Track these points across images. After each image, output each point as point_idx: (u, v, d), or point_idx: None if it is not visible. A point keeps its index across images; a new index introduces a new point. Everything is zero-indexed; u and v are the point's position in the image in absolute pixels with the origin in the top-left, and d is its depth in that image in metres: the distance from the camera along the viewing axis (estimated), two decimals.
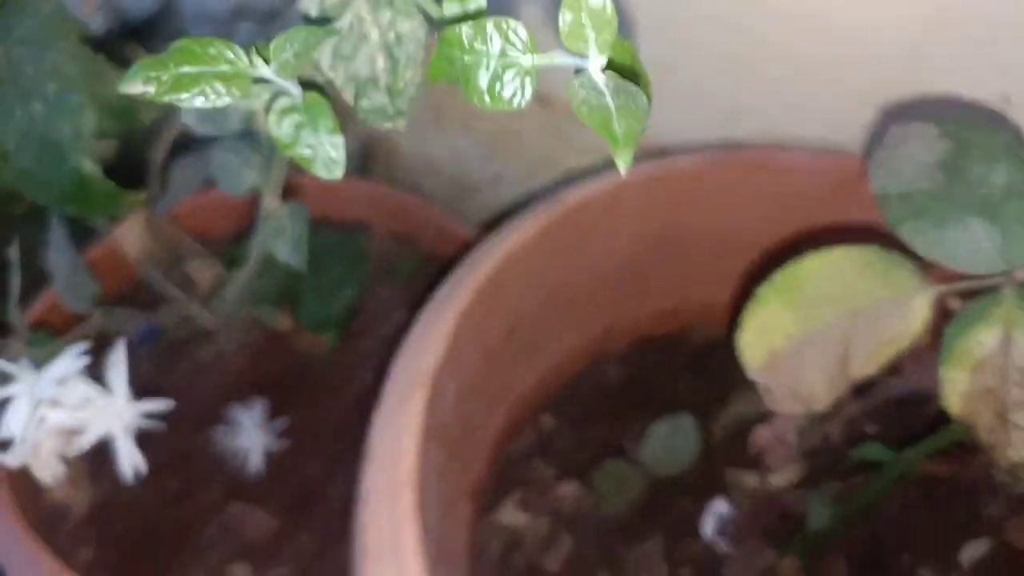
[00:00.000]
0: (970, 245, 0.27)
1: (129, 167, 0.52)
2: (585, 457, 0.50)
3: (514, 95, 0.17)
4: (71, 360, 0.40)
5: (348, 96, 0.23)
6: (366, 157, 0.77)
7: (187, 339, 0.63)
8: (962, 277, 0.28)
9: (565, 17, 0.15)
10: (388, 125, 0.23)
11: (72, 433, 0.41)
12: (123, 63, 0.67)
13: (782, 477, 0.43)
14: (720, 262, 0.52)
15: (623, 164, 0.14)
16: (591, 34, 0.15)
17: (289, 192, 0.42)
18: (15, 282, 0.45)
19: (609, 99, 0.15)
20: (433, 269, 0.72)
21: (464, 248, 0.67)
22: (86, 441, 0.41)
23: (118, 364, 0.41)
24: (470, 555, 0.45)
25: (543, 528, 0.47)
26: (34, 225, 0.60)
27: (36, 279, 0.55)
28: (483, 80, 0.17)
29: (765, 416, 0.42)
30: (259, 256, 0.39)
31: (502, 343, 0.47)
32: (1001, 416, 0.27)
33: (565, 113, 0.63)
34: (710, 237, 0.52)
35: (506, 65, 0.16)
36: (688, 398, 0.52)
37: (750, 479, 0.46)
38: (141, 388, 0.63)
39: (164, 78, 0.19)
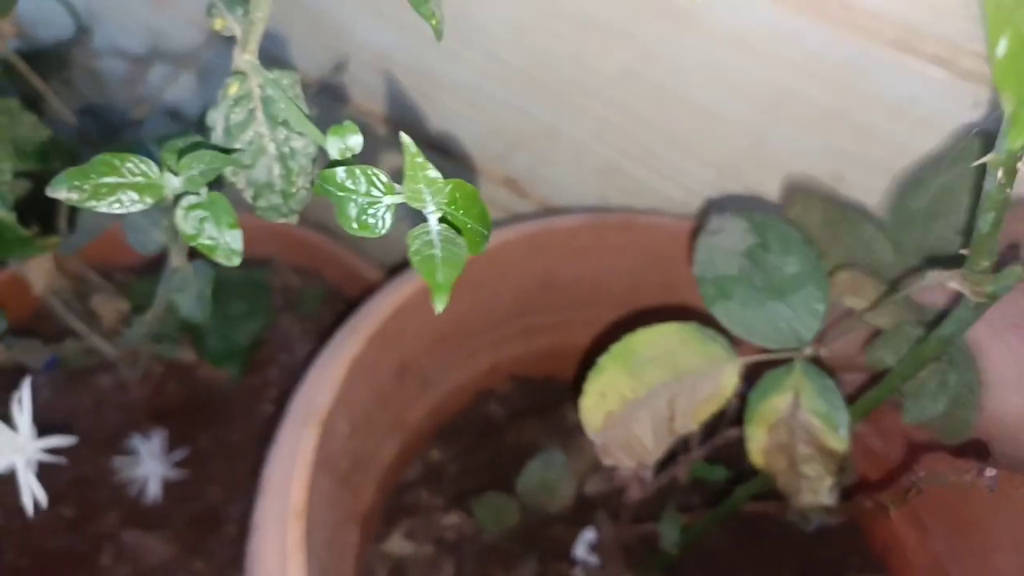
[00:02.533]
0: (768, 324, 0.33)
1: (37, 201, 0.54)
2: (468, 488, 0.54)
3: (376, 225, 0.21)
4: None
5: (247, 197, 0.27)
6: None
7: (89, 369, 0.64)
8: (763, 350, 0.33)
9: (408, 184, 0.19)
10: (282, 220, 0.27)
11: None
12: (32, 93, 0.68)
13: (639, 508, 0.48)
14: (594, 307, 0.58)
15: (440, 306, 0.19)
16: (428, 197, 0.19)
17: None
18: None
19: (437, 251, 0.20)
20: (336, 303, 0.75)
21: (367, 287, 0.71)
22: None
23: (23, 401, 0.43)
24: None
25: (427, 555, 0.51)
26: None
27: None
28: (352, 211, 0.21)
29: None
30: (162, 303, 0.42)
31: (393, 381, 0.51)
32: (792, 467, 0.33)
33: (463, 164, 0.68)
34: (585, 286, 0.58)
35: (371, 203, 0.21)
36: (565, 434, 0.57)
37: (613, 509, 0.52)
38: (42, 416, 0.64)
39: (86, 187, 0.22)
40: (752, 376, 0.34)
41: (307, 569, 0.37)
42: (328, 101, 0.69)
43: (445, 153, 0.68)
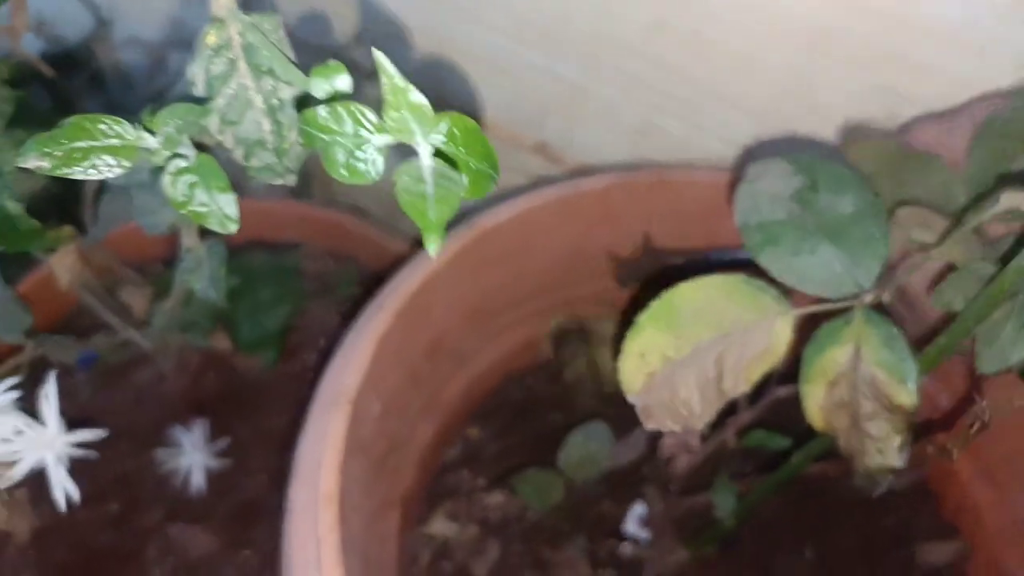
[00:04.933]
0: (822, 270, 0.30)
1: (61, 197, 0.53)
2: (511, 466, 0.52)
3: (367, 170, 0.19)
4: (1, 393, 0.41)
5: (238, 156, 0.25)
6: (305, 177, 0.79)
7: (126, 364, 0.64)
8: (819, 300, 0.30)
9: (389, 113, 0.17)
10: (279, 181, 0.25)
11: (4, 465, 0.42)
12: (57, 88, 0.68)
13: (690, 478, 0.46)
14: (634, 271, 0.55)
15: (432, 248, 0.16)
16: (415, 126, 0.17)
17: None
18: None
19: (429, 187, 0.17)
20: (372, 286, 0.73)
21: (402, 264, 0.69)
22: (18, 472, 0.42)
23: (49, 395, 0.42)
24: (399, 565, 0.47)
25: (472, 536, 0.49)
26: None
27: None
28: (339, 156, 0.19)
29: None
30: (181, 289, 0.41)
31: (425, 360, 0.49)
32: (856, 426, 0.30)
33: (491, 133, 0.65)
34: (621, 250, 0.55)
35: (359, 144, 0.19)
36: (605, 407, 0.55)
37: (662, 481, 0.49)
38: (81, 414, 0.64)
39: (57, 153, 0.21)
40: (808, 329, 0.31)
41: (342, 553, 0.35)
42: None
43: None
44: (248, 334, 0.59)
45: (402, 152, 0.20)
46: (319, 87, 0.21)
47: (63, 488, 0.42)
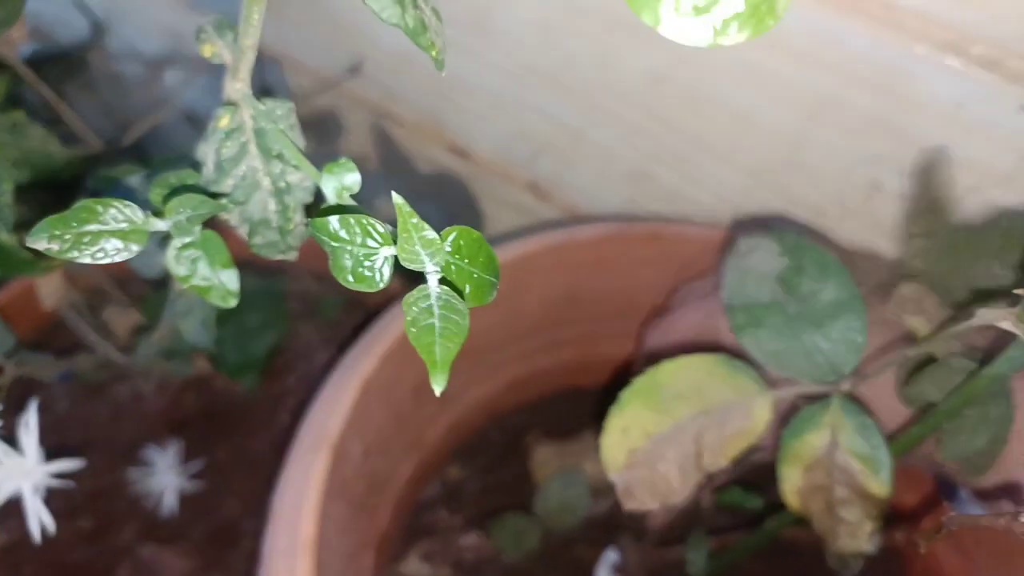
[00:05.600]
0: (802, 356, 0.31)
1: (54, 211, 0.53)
2: (488, 507, 0.52)
3: (374, 278, 0.19)
4: None
5: (243, 233, 0.25)
6: None
7: (104, 381, 0.64)
8: (798, 383, 0.31)
9: (403, 245, 0.17)
10: (280, 257, 0.26)
11: None
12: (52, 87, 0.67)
13: (665, 530, 0.46)
14: (621, 319, 0.56)
15: (438, 387, 0.17)
16: (426, 257, 0.18)
17: None
18: None
19: (437, 321, 0.18)
20: (355, 310, 0.74)
21: (386, 295, 0.69)
22: None
23: (29, 425, 0.42)
24: None
25: None
26: None
27: None
28: (347, 263, 0.19)
29: None
30: (169, 325, 0.41)
31: (410, 400, 0.49)
32: (830, 510, 0.30)
33: (484, 167, 0.66)
34: (611, 298, 0.55)
35: (367, 254, 0.19)
36: (586, 452, 0.55)
37: (637, 532, 0.50)
38: (59, 427, 0.64)
39: (67, 236, 0.21)
40: (786, 408, 0.32)
41: None
42: (347, 103, 0.67)
43: (466, 156, 0.66)
44: (232, 359, 0.59)
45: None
46: (329, 183, 0.21)
47: (38, 519, 0.42)
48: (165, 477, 0.60)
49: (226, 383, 0.66)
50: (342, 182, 0.21)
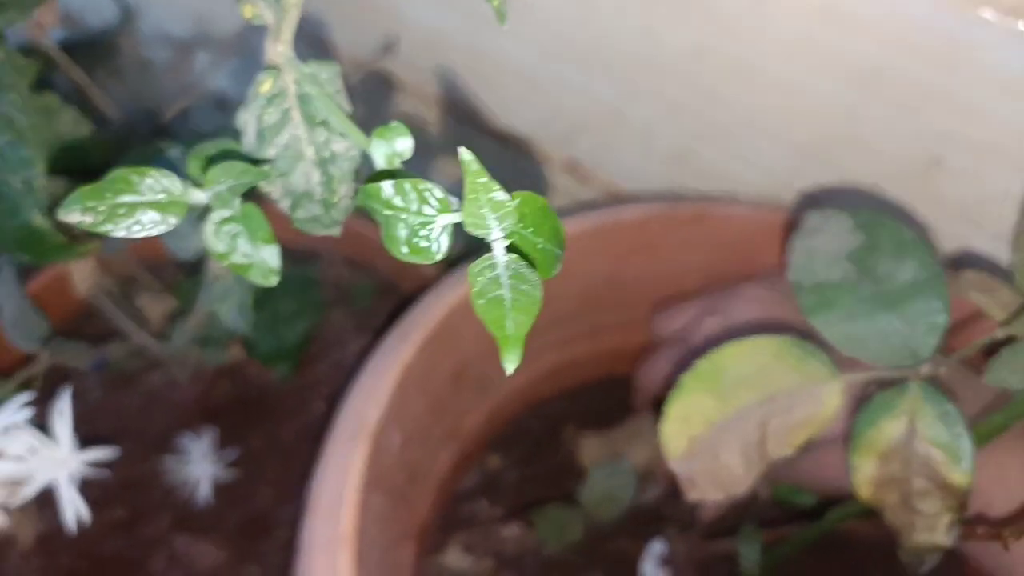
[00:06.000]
0: (878, 339, 0.29)
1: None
2: (529, 497, 0.51)
3: (430, 249, 0.18)
4: (15, 410, 0.40)
5: (284, 207, 0.24)
6: None
7: (138, 368, 0.63)
8: (872, 367, 0.29)
9: (467, 209, 0.16)
10: (324, 232, 0.24)
11: (16, 483, 0.41)
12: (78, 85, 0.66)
13: (715, 522, 0.45)
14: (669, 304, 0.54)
15: (511, 364, 0.15)
16: (494, 222, 0.16)
17: None
18: None
19: (506, 291, 0.16)
20: (388, 296, 0.72)
21: (421, 280, 0.68)
22: (30, 491, 0.41)
23: (63, 413, 0.41)
24: None
25: (486, 570, 0.48)
26: None
27: None
28: (402, 233, 0.18)
29: None
30: (204, 310, 0.40)
31: (448, 387, 0.48)
32: (906, 502, 0.29)
33: (520, 147, 0.64)
34: (655, 281, 0.54)
35: (423, 223, 0.17)
36: (630, 440, 0.54)
37: (684, 524, 0.48)
38: (92, 416, 0.63)
39: (101, 208, 0.19)
40: (857, 393, 0.30)
41: None
42: (379, 86, 0.66)
43: (503, 138, 0.64)
44: (267, 347, 0.58)
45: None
46: (379, 149, 0.19)
47: (74, 508, 0.42)
48: (200, 466, 0.59)
49: (259, 371, 0.65)
50: (393, 148, 0.19)
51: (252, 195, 0.24)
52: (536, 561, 0.48)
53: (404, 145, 0.20)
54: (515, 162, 0.65)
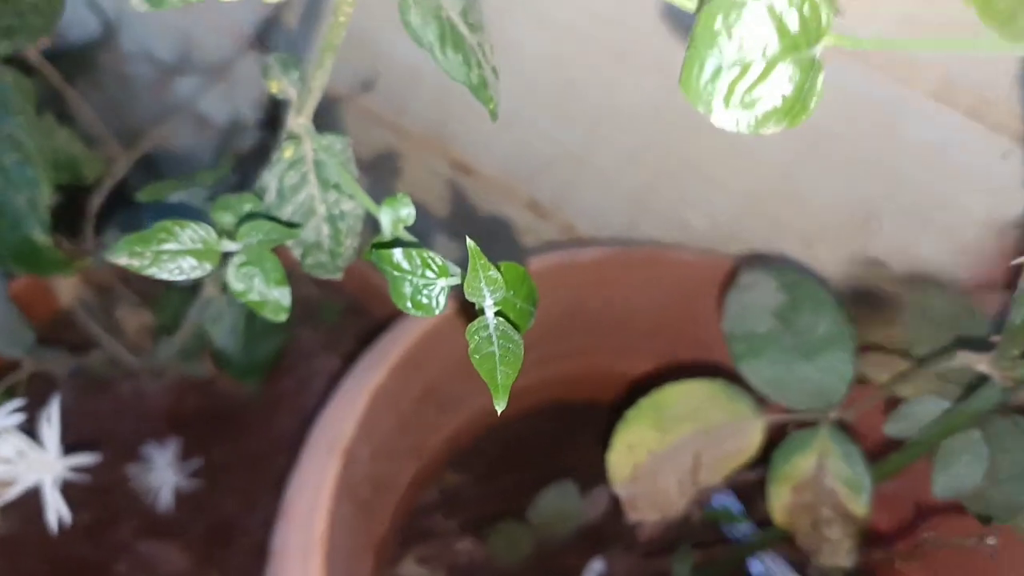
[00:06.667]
0: (796, 385, 0.34)
1: (65, 210, 0.55)
2: (484, 513, 0.55)
3: (430, 304, 0.22)
4: (6, 416, 0.42)
5: (295, 254, 0.27)
6: None
7: (110, 377, 0.65)
8: (790, 410, 0.34)
9: (469, 282, 0.20)
10: (328, 277, 0.28)
11: (2, 484, 0.43)
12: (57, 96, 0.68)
13: (653, 541, 0.49)
14: (619, 335, 0.59)
15: (500, 406, 0.19)
16: (487, 292, 0.20)
17: None
18: None
19: (495, 348, 0.20)
20: (356, 316, 0.75)
21: (388, 302, 0.71)
22: (15, 492, 0.43)
23: (51, 420, 0.44)
24: None
25: None
26: None
27: None
28: (407, 291, 0.21)
29: None
30: (191, 328, 0.42)
31: (415, 407, 0.52)
32: (815, 528, 0.33)
33: (486, 183, 0.68)
34: (610, 315, 0.58)
35: (425, 284, 0.21)
36: (581, 462, 0.58)
37: (627, 543, 0.52)
38: (62, 420, 0.65)
39: (147, 254, 0.23)
40: (777, 431, 0.34)
41: None
42: (358, 119, 0.69)
43: (469, 171, 0.68)
44: (239, 362, 0.60)
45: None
46: (387, 215, 0.23)
47: (57, 511, 0.44)
48: (164, 474, 0.62)
49: (227, 385, 0.68)
50: (399, 215, 0.23)
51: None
52: (486, 574, 0.52)
53: (407, 213, 0.23)
54: (480, 192, 0.69)
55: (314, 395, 0.70)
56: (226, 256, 0.26)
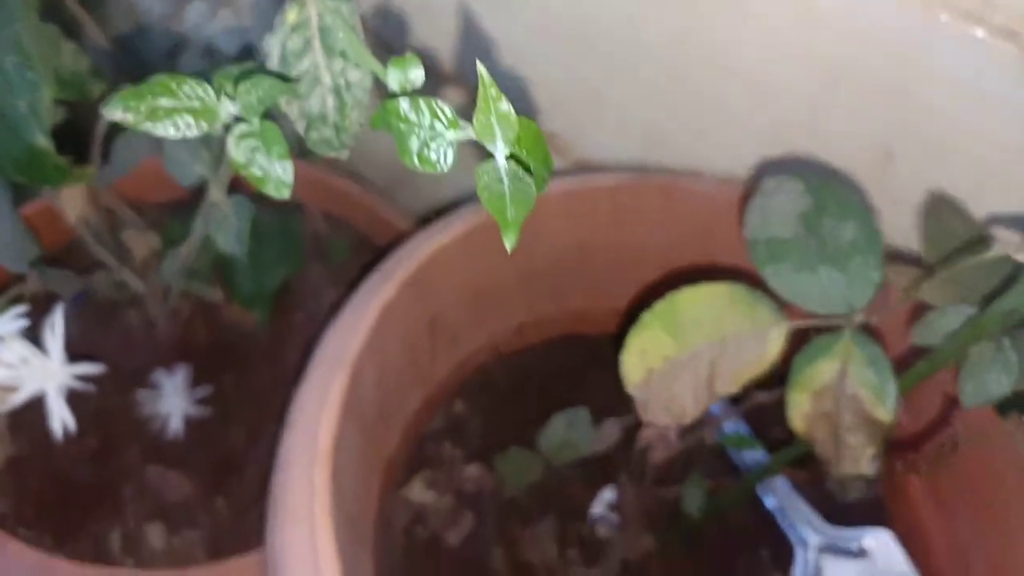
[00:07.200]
0: (819, 289, 0.32)
1: (72, 131, 0.54)
2: (491, 442, 0.54)
3: (438, 161, 0.20)
4: (10, 321, 0.42)
5: (299, 128, 0.26)
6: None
7: (117, 305, 0.64)
8: (812, 315, 0.32)
9: (478, 118, 0.18)
10: (333, 154, 0.27)
11: (6, 390, 0.43)
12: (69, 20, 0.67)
13: (663, 470, 0.48)
14: (630, 271, 0.57)
15: (509, 243, 0.18)
16: (498, 131, 0.19)
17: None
18: None
19: (506, 187, 0.19)
20: (365, 252, 0.75)
21: (397, 237, 0.70)
22: (19, 398, 0.43)
23: (55, 327, 0.43)
24: (377, 526, 0.48)
25: (447, 506, 0.51)
26: None
27: None
28: (414, 145, 0.20)
29: None
30: (198, 238, 0.42)
31: (422, 334, 0.51)
32: (835, 436, 0.32)
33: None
34: (621, 249, 0.57)
35: (433, 136, 0.20)
36: (591, 395, 0.57)
37: (636, 470, 0.52)
38: (69, 349, 0.65)
39: (141, 108, 0.22)
40: (798, 341, 0.33)
41: (333, 507, 0.37)
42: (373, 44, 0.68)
43: None
44: (247, 288, 0.60)
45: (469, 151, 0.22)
46: (394, 77, 0.22)
47: (61, 419, 0.44)
48: (172, 401, 0.61)
49: (235, 315, 0.67)
50: (407, 76, 0.22)
51: (268, 115, 0.26)
52: (494, 501, 0.51)
53: (416, 74, 0.22)
54: None
55: (323, 330, 0.70)
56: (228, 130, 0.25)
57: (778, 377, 0.36)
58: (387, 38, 0.67)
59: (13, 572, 0.50)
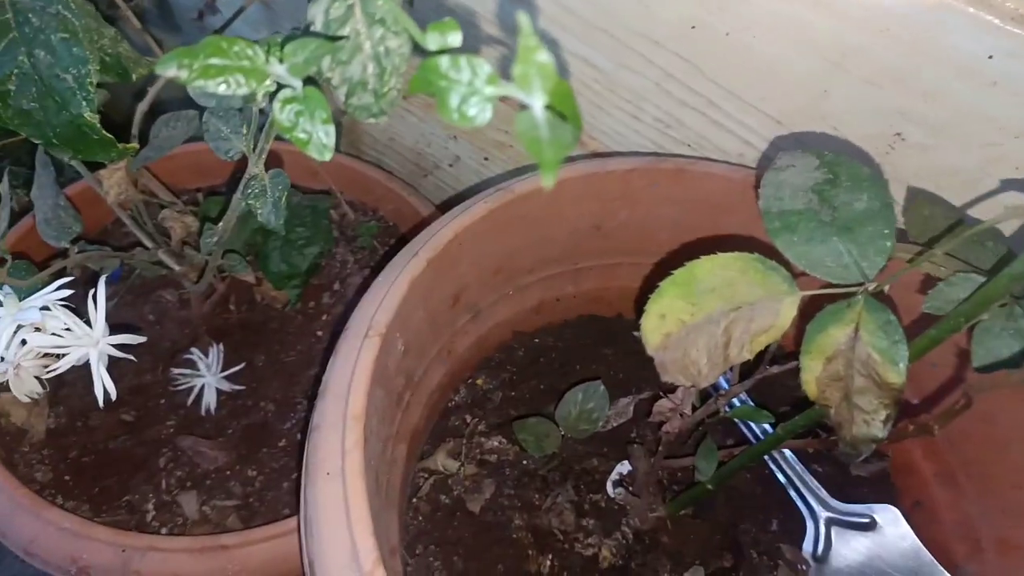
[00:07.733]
0: (832, 258, 0.34)
1: (111, 115, 0.56)
2: (512, 415, 0.56)
3: (477, 115, 0.22)
4: (56, 290, 0.44)
5: (340, 94, 0.28)
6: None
7: (152, 284, 0.67)
8: (824, 284, 0.34)
9: (518, 67, 0.20)
10: (371, 120, 0.28)
11: (50, 357, 0.45)
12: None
13: (676, 443, 0.49)
14: (642, 253, 0.59)
15: (548, 182, 0.19)
16: (536, 81, 0.20)
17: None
18: (3, 215, 0.48)
19: (544, 132, 0.20)
20: (390, 238, 0.77)
21: (421, 222, 0.72)
22: (64, 365, 0.45)
23: (99, 298, 0.45)
24: (403, 492, 0.50)
25: (469, 474, 0.53)
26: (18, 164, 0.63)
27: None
28: (454, 101, 0.22)
29: (670, 390, 0.48)
30: (236, 212, 0.43)
31: (446, 308, 0.52)
32: (847, 399, 0.33)
33: (514, 104, 0.68)
34: (635, 231, 0.58)
35: (472, 92, 0.22)
36: (610, 371, 0.58)
37: (652, 442, 0.53)
38: (109, 324, 0.67)
39: (195, 66, 0.24)
40: (810, 310, 0.34)
41: (364, 467, 0.38)
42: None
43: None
44: (279, 268, 0.62)
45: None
46: (433, 40, 0.24)
47: (103, 385, 0.46)
48: (206, 377, 0.63)
49: (267, 295, 0.69)
50: (446, 40, 0.23)
51: (311, 81, 0.28)
52: (515, 471, 0.53)
53: (455, 38, 0.24)
54: (506, 115, 0.69)
55: (350, 310, 0.72)
56: (274, 95, 0.27)
57: (789, 355, 0.37)
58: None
59: (52, 538, 0.52)
